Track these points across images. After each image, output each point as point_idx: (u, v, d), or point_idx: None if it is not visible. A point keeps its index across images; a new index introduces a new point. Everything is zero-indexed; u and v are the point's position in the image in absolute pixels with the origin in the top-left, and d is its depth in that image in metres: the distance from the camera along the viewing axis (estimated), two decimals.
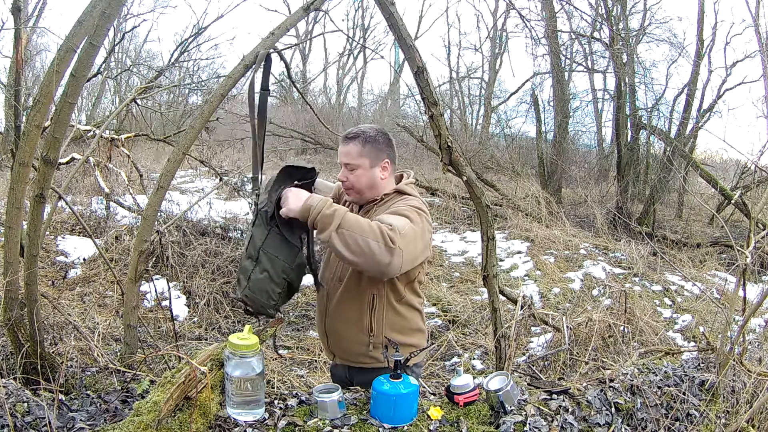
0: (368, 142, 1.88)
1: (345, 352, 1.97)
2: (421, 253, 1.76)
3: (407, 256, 1.63)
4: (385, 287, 1.86)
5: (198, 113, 2.05)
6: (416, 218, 1.75)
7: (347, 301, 1.89)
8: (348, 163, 1.88)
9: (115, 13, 1.79)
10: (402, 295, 1.90)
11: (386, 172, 1.92)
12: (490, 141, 13.91)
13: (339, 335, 1.95)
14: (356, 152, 1.87)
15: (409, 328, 1.95)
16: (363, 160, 1.88)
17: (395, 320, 1.90)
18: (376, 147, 1.89)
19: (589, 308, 4.33)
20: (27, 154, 1.82)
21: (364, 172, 1.88)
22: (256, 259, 1.67)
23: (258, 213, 1.71)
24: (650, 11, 10.71)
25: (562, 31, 11.09)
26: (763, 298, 2.42)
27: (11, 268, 1.93)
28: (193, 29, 13.71)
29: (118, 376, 1.94)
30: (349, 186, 1.92)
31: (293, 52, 22.25)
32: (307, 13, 2.17)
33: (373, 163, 1.89)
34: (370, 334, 1.87)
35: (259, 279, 1.66)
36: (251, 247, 1.68)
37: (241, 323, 4.62)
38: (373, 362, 1.90)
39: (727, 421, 1.95)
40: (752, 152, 6.93)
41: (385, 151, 1.91)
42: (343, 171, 1.91)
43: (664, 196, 10.88)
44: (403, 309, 1.92)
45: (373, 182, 1.90)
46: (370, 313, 1.86)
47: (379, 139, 1.90)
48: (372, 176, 1.89)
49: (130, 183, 6.49)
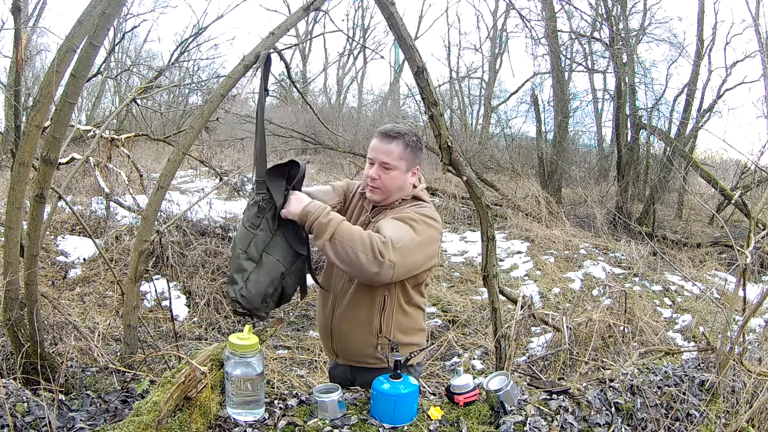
0: (409, 146, 1.86)
1: (350, 353, 1.96)
2: (421, 264, 1.77)
3: (400, 269, 1.65)
4: (395, 289, 1.85)
5: (198, 113, 2.04)
6: (421, 228, 1.74)
7: (357, 302, 1.88)
8: (386, 162, 1.83)
9: (115, 13, 1.79)
10: (411, 296, 1.91)
11: (415, 177, 1.92)
12: (490, 141, 13.91)
13: (346, 336, 1.94)
14: (398, 153, 1.83)
15: (413, 328, 1.96)
16: (401, 163, 1.85)
17: (402, 321, 1.90)
18: (414, 152, 1.88)
19: (589, 308, 4.32)
20: (27, 154, 1.82)
21: (400, 174, 1.86)
22: (258, 260, 1.68)
23: (264, 216, 1.70)
24: (650, 11, 10.72)
25: (562, 31, 11.10)
26: (763, 298, 2.42)
27: (11, 268, 1.93)
28: (193, 29, 13.68)
29: (118, 376, 1.94)
30: (379, 185, 1.86)
31: (293, 52, 22.27)
32: (307, 13, 2.17)
33: (409, 167, 1.88)
34: (379, 335, 1.87)
35: (258, 281, 1.67)
36: (253, 248, 1.68)
37: (241, 323, 4.62)
38: (378, 363, 1.89)
39: (727, 421, 1.95)
40: (752, 152, 6.93)
41: (420, 156, 1.92)
42: (376, 168, 1.85)
43: (664, 196, 10.89)
44: (411, 310, 1.93)
45: (403, 186, 1.89)
46: (380, 315, 1.86)
47: (418, 144, 1.90)
48: (404, 180, 1.88)
49: (130, 183, 6.49)
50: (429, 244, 1.77)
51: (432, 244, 1.79)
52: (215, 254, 5.29)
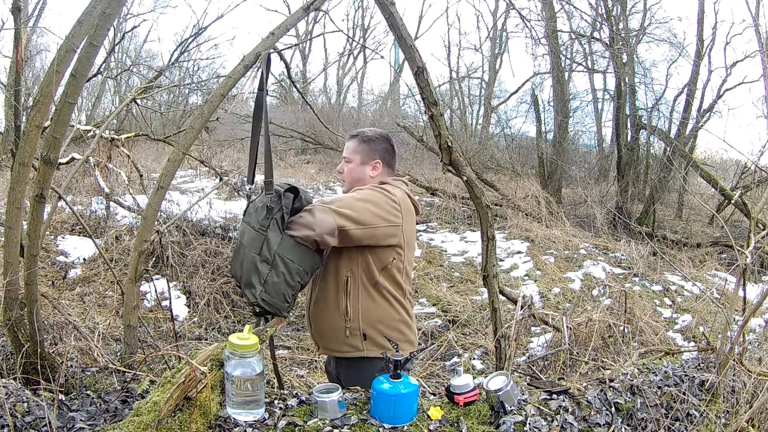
0: (364, 142, 2.08)
1: (324, 338, 2.02)
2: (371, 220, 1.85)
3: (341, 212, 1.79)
4: (359, 270, 1.93)
5: (198, 113, 2.05)
6: (366, 192, 1.93)
7: (328, 285, 1.98)
8: (345, 156, 2.11)
9: (115, 13, 1.79)
10: (376, 279, 1.94)
11: (376, 171, 2.08)
12: (490, 141, 13.92)
13: (320, 321, 2.01)
14: (353, 148, 2.09)
15: (392, 320, 1.97)
16: (355, 156, 2.08)
17: (371, 307, 1.94)
18: (369, 147, 2.08)
19: (589, 308, 4.33)
20: (27, 154, 1.82)
21: (356, 167, 2.08)
22: (272, 262, 1.72)
23: (272, 216, 1.73)
24: (650, 11, 10.74)
25: (562, 31, 11.10)
26: (763, 298, 2.42)
27: (11, 268, 1.93)
28: (193, 29, 13.67)
29: (118, 376, 1.94)
30: (343, 177, 2.13)
31: (293, 52, 22.28)
32: (307, 13, 2.17)
33: (364, 160, 2.08)
34: (346, 317, 1.93)
35: (275, 282, 1.73)
36: (266, 250, 1.72)
37: (241, 323, 4.62)
38: (352, 351, 1.95)
39: (727, 421, 1.95)
40: (752, 152, 6.96)
41: (378, 152, 2.08)
42: (342, 164, 2.13)
43: (664, 196, 10.89)
44: (379, 297, 1.95)
45: (361, 178, 2.08)
46: (346, 297, 1.93)
47: (376, 140, 2.09)
48: (361, 172, 2.08)
49: (130, 183, 6.49)
50: (372, 202, 1.89)
51: (377, 203, 1.89)
52: (215, 254, 5.29)
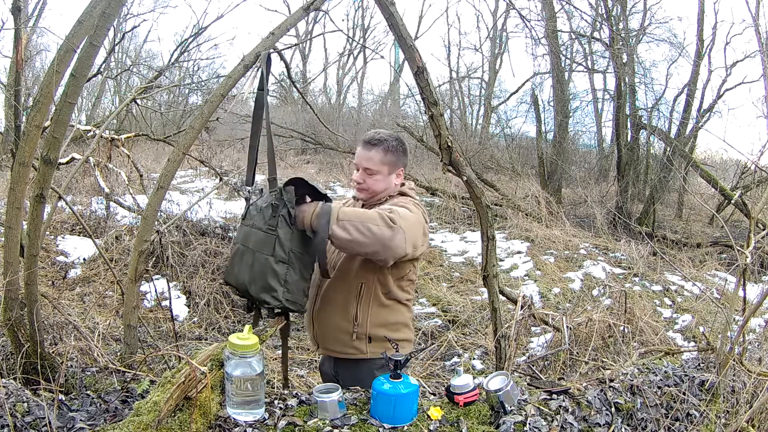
0: (390, 151, 1.99)
1: (328, 339, 2.01)
2: (421, 240, 1.85)
3: (409, 236, 1.74)
4: (374, 279, 1.93)
5: (198, 113, 2.04)
6: (414, 209, 1.89)
7: (337, 288, 1.96)
8: (368, 168, 1.98)
9: (115, 13, 1.79)
10: (390, 289, 1.96)
11: (399, 179, 2.06)
12: (490, 141, 13.92)
13: (325, 322, 2.00)
14: (379, 159, 1.98)
15: (396, 322, 2.00)
16: (383, 168, 1.99)
17: (381, 313, 1.96)
18: (396, 156, 2.01)
19: (589, 308, 4.32)
20: (27, 154, 1.82)
21: (383, 178, 2.00)
22: (288, 260, 1.67)
23: (279, 214, 1.68)
24: (650, 11, 10.72)
25: (562, 31, 11.10)
26: (763, 298, 2.42)
27: (11, 268, 1.93)
28: (193, 29, 13.66)
29: (118, 376, 1.94)
30: (365, 188, 2.02)
31: (293, 52, 22.26)
32: (307, 13, 2.17)
33: (391, 170, 2.01)
34: (355, 323, 1.93)
35: (295, 280, 1.68)
36: (280, 249, 1.65)
37: (241, 323, 4.62)
38: (356, 353, 1.95)
39: (727, 421, 1.95)
40: (752, 152, 6.94)
41: (402, 160, 2.04)
42: (361, 173, 2.01)
43: (664, 196, 10.89)
44: (390, 303, 1.98)
45: (388, 187, 2.03)
46: (357, 303, 1.93)
47: (399, 148, 2.02)
48: (389, 182, 2.03)
49: (130, 183, 6.49)
50: (421, 224, 1.88)
51: (423, 224, 1.90)
52: (215, 254, 5.29)
